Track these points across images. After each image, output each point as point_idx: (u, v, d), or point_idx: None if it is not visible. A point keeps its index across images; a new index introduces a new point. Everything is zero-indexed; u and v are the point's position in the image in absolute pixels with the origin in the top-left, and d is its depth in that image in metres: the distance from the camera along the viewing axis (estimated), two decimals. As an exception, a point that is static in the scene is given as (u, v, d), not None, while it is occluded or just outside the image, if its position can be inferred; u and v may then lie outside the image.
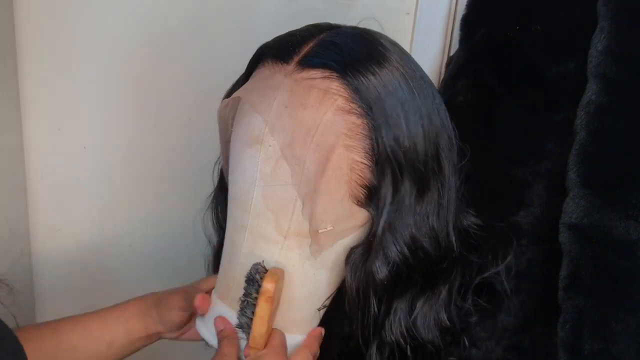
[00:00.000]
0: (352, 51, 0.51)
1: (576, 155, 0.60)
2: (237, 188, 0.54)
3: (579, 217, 0.60)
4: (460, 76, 0.70)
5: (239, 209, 0.54)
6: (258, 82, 0.54)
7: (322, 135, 0.50)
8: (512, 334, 0.67)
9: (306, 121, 0.50)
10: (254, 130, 0.51)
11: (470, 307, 0.59)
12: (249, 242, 0.54)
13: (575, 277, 0.60)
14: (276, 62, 0.53)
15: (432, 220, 0.54)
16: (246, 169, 0.52)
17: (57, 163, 0.92)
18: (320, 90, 0.50)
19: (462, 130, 0.69)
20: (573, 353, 0.60)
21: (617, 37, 0.59)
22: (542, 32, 0.64)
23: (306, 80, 0.50)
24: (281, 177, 0.51)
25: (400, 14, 0.78)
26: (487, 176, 0.67)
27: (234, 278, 0.55)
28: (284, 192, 0.51)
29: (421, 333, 0.56)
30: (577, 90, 0.61)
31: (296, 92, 0.50)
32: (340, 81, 0.50)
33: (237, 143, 0.54)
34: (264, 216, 0.53)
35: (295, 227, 0.52)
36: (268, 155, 0.51)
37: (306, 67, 0.51)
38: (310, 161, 0.50)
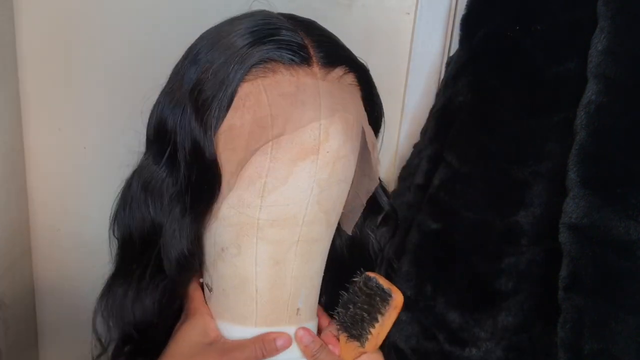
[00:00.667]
0: (339, 41, 0.56)
1: (576, 155, 0.60)
2: (280, 207, 0.52)
3: (579, 217, 0.60)
4: (460, 76, 0.70)
5: (284, 229, 0.52)
6: (283, 92, 0.50)
7: (359, 126, 0.54)
8: (512, 334, 0.67)
9: (351, 116, 0.53)
10: (306, 143, 0.50)
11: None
12: (301, 253, 0.54)
13: (575, 277, 0.60)
14: (297, 66, 0.50)
15: None
16: (299, 182, 0.51)
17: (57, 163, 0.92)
18: (349, 85, 0.54)
19: (461, 130, 0.69)
20: (573, 353, 0.60)
21: (617, 37, 0.59)
22: (542, 32, 0.64)
23: (337, 79, 0.53)
24: (336, 178, 0.53)
25: (400, 14, 0.78)
26: (487, 176, 0.67)
27: (289, 295, 0.54)
28: (337, 190, 0.54)
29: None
30: (577, 90, 0.61)
31: (335, 93, 0.52)
32: (353, 73, 0.55)
33: (279, 162, 0.50)
34: (317, 220, 0.53)
35: (337, 216, 0.56)
36: (325, 162, 0.51)
37: (328, 66, 0.52)
38: (356, 150, 0.55)
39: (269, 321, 0.55)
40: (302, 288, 0.55)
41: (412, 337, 0.70)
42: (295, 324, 0.56)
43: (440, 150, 0.70)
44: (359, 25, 0.78)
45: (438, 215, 0.69)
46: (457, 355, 0.69)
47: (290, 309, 0.55)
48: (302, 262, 0.54)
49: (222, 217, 0.53)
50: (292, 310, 0.55)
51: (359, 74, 0.55)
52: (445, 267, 0.69)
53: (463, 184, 0.68)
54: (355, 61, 0.56)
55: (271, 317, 0.55)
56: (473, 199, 0.67)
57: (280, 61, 0.50)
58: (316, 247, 0.55)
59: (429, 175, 0.72)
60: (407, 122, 0.80)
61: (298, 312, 0.55)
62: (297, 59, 0.50)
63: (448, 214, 0.69)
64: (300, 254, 0.54)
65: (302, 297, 0.55)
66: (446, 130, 0.70)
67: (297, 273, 0.54)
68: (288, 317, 0.55)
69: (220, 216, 0.53)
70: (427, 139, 0.74)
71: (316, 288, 0.58)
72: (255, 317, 0.54)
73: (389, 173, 0.83)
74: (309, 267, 0.55)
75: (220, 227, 0.53)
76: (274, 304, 0.54)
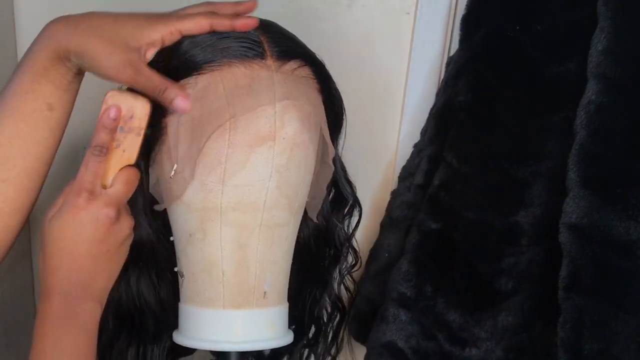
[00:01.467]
0: (295, 38, 0.59)
1: (576, 155, 0.60)
2: (241, 192, 0.54)
3: (579, 217, 0.60)
4: (460, 76, 0.70)
5: (246, 212, 0.55)
6: (237, 83, 0.53)
7: (316, 116, 0.57)
8: (512, 334, 0.67)
9: (306, 106, 0.56)
10: (262, 129, 0.53)
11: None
12: (264, 237, 0.56)
13: (575, 277, 0.60)
14: (251, 61, 0.54)
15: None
16: (257, 168, 0.54)
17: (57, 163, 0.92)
18: (304, 78, 0.57)
19: (461, 130, 0.69)
20: (573, 353, 0.60)
21: (617, 37, 0.59)
22: (542, 32, 0.64)
23: (291, 72, 0.56)
24: (294, 164, 0.55)
25: (400, 14, 0.78)
26: (487, 176, 0.67)
27: (255, 278, 0.56)
28: (296, 175, 0.56)
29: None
30: (577, 90, 0.61)
31: (289, 84, 0.55)
32: (309, 67, 0.57)
33: (237, 148, 0.53)
34: (278, 205, 0.56)
35: (300, 203, 0.58)
36: (282, 148, 0.54)
37: (284, 60, 0.55)
38: (314, 140, 0.57)
39: (236, 304, 0.56)
40: (268, 272, 0.57)
41: (412, 337, 0.70)
42: (263, 307, 0.57)
43: (440, 150, 0.71)
44: (359, 25, 0.78)
45: (438, 215, 0.69)
46: (457, 355, 0.69)
47: (257, 292, 0.57)
48: (266, 246, 0.56)
49: (187, 203, 0.55)
50: (259, 294, 0.57)
51: (315, 67, 0.58)
52: (445, 267, 0.69)
53: (463, 184, 0.68)
54: (311, 56, 0.58)
55: (238, 300, 0.56)
56: (473, 199, 0.67)
57: (236, 56, 0.54)
58: (280, 232, 0.57)
59: (429, 175, 0.72)
60: (407, 122, 0.80)
61: (265, 295, 0.57)
62: (252, 54, 0.54)
63: (448, 214, 0.69)
64: (263, 238, 0.56)
65: (269, 281, 0.57)
66: (446, 130, 0.70)
67: (261, 257, 0.56)
68: (255, 300, 0.57)
69: (186, 202, 0.55)
70: (427, 139, 0.74)
71: (284, 272, 0.59)
72: (222, 300, 0.57)
73: (389, 173, 0.83)
74: (274, 251, 0.57)
75: (186, 213, 0.56)
76: (240, 287, 0.56)
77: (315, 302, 0.70)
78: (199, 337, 0.57)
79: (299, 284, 0.67)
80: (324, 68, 0.60)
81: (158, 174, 0.57)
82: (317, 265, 0.69)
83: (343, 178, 0.66)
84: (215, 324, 0.57)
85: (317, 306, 0.70)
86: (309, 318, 0.70)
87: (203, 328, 0.57)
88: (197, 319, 0.58)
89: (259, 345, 0.57)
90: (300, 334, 0.71)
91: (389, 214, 0.78)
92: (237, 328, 0.57)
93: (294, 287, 0.64)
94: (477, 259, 0.68)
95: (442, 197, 0.69)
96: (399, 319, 0.70)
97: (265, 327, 0.58)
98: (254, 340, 0.57)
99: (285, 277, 0.60)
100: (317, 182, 0.62)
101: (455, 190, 0.68)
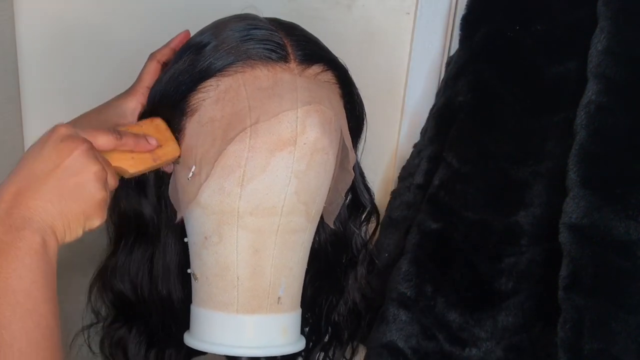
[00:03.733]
0: (318, 41, 0.58)
1: (576, 155, 0.60)
2: (260, 196, 0.54)
3: (579, 217, 0.60)
4: (460, 76, 0.70)
5: (264, 217, 0.54)
6: (260, 86, 0.53)
7: (337, 121, 0.56)
8: (512, 334, 0.67)
9: (329, 111, 0.55)
10: (284, 134, 0.53)
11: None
12: (280, 242, 0.55)
13: (575, 277, 0.60)
14: (275, 63, 0.53)
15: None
16: (277, 172, 0.53)
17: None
18: (327, 83, 0.56)
19: (461, 130, 0.69)
20: (573, 353, 0.60)
21: (617, 37, 0.59)
22: (542, 32, 0.64)
23: (314, 76, 0.55)
24: (314, 169, 0.55)
25: (400, 14, 0.78)
26: (487, 176, 0.67)
27: (269, 283, 0.56)
28: (315, 181, 0.55)
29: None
30: (577, 90, 0.61)
31: (312, 88, 0.54)
32: (332, 72, 0.57)
33: (257, 152, 0.53)
34: (296, 211, 0.55)
35: (317, 209, 0.58)
36: (303, 153, 0.54)
37: (307, 63, 0.55)
38: (335, 145, 0.57)
39: (249, 308, 0.56)
40: (283, 277, 0.57)
41: (412, 337, 0.70)
42: (276, 312, 0.57)
43: (440, 150, 0.71)
44: (359, 25, 0.78)
45: (438, 215, 0.69)
46: (457, 355, 0.69)
47: (271, 297, 0.56)
48: (282, 252, 0.56)
49: (204, 206, 0.55)
50: (273, 299, 0.56)
51: (338, 72, 0.57)
52: (445, 267, 0.69)
53: (463, 184, 0.68)
54: (334, 60, 0.58)
55: (252, 304, 0.56)
56: (473, 199, 0.68)
57: (259, 58, 0.53)
58: (296, 238, 0.57)
59: (429, 175, 0.72)
60: (407, 122, 0.80)
61: (279, 301, 0.57)
62: (275, 57, 0.53)
63: (448, 214, 0.69)
64: (280, 243, 0.56)
65: (283, 286, 0.57)
66: (446, 130, 0.70)
67: (277, 262, 0.56)
68: (269, 305, 0.56)
69: (202, 204, 0.55)
70: (427, 139, 0.74)
71: (298, 278, 0.59)
72: (236, 305, 0.56)
73: (389, 173, 0.83)
74: (290, 257, 0.57)
75: (203, 216, 0.55)
76: (254, 291, 0.56)
77: (332, 308, 0.69)
78: (210, 341, 0.57)
79: (315, 289, 0.67)
80: (347, 73, 0.59)
81: (174, 176, 0.57)
82: (334, 271, 0.68)
83: (361, 184, 0.66)
84: (228, 328, 0.57)
85: (334, 312, 0.69)
86: (325, 323, 0.70)
87: (215, 331, 0.57)
88: (210, 323, 0.57)
89: (270, 351, 0.57)
90: (317, 339, 0.70)
91: (389, 214, 0.78)
92: (250, 333, 0.57)
93: (310, 292, 0.64)
94: (477, 259, 0.68)
95: (442, 197, 0.69)
96: (399, 319, 0.70)
97: (277, 332, 0.57)
98: (265, 346, 0.57)
99: (299, 283, 0.59)
100: (336, 188, 0.61)
101: (455, 190, 0.68)
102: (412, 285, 0.70)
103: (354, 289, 0.69)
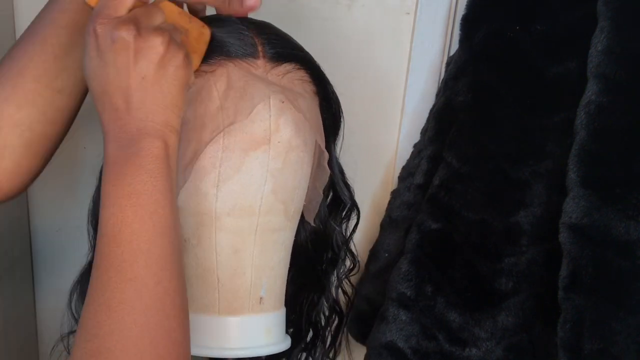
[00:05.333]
0: (291, 39, 0.58)
1: (576, 155, 0.60)
2: (236, 196, 0.53)
3: (579, 217, 0.60)
4: (460, 76, 0.70)
5: (241, 217, 0.54)
6: (232, 85, 0.53)
7: (312, 119, 0.56)
8: (512, 334, 0.67)
9: (303, 109, 0.55)
10: (257, 132, 0.52)
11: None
12: (260, 242, 0.55)
13: (575, 277, 0.60)
14: (244, 62, 0.53)
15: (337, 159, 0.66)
16: (253, 171, 0.53)
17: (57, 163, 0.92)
18: (300, 80, 0.56)
19: (461, 130, 0.69)
20: (573, 353, 0.60)
21: (617, 37, 0.59)
22: (542, 32, 0.64)
23: (286, 74, 0.55)
24: (291, 167, 0.55)
25: (400, 14, 0.78)
26: (487, 176, 0.67)
27: (250, 284, 0.56)
28: (292, 179, 0.55)
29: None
30: (577, 90, 0.61)
31: (284, 86, 0.54)
32: (304, 70, 0.56)
33: (231, 152, 0.52)
34: (274, 210, 0.55)
35: (297, 207, 0.58)
36: (278, 152, 0.53)
37: (278, 61, 0.54)
38: (311, 143, 0.56)
39: (231, 309, 0.56)
40: (264, 277, 0.56)
41: (412, 337, 0.70)
42: (258, 312, 0.56)
43: (440, 150, 0.71)
44: (359, 25, 0.78)
45: (438, 215, 0.69)
46: (457, 355, 0.69)
47: (253, 297, 0.56)
48: (262, 252, 0.56)
49: (182, 209, 0.55)
50: (255, 299, 0.56)
51: (311, 70, 0.57)
52: (445, 267, 0.69)
53: (463, 184, 0.68)
54: (306, 58, 0.58)
55: (234, 305, 0.56)
56: (473, 199, 0.68)
57: (230, 57, 0.53)
58: (276, 237, 0.56)
59: (429, 175, 0.72)
60: (407, 122, 0.80)
61: (261, 301, 0.56)
62: (245, 55, 0.53)
63: (448, 214, 0.69)
64: (259, 243, 0.55)
65: (265, 286, 0.57)
66: (446, 130, 0.70)
67: (257, 262, 0.55)
68: (251, 305, 0.56)
69: (180, 207, 0.55)
70: (427, 139, 0.74)
71: (280, 278, 0.58)
72: (218, 306, 0.56)
73: (389, 173, 0.83)
74: (270, 257, 0.56)
75: (182, 218, 0.55)
76: (235, 292, 0.56)
77: (313, 306, 0.70)
78: (194, 343, 0.56)
79: (296, 287, 0.67)
80: (320, 70, 0.59)
81: None
82: (315, 269, 0.68)
83: (341, 181, 0.66)
84: (211, 330, 0.56)
85: (315, 310, 0.70)
86: (306, 322, 0.70)
87: (198, 334, 0.56)
88: (193, 325, 0.57)
89: (254, 351, 0.57)
90: (298, 338, 0.70)
91: (389, 214, 0.78)
92: (232, 334, 0.56)
93: (291, 291, 0.64)
94: (477, 259, 0.68)
95: (442, 197, 0.69)
96: (399, 319, 0.70)
97: (261, 333, 0.57)
98: (249, 347, 0.56)
99: (282, 282, 0.59)
100: (314, 186, 0.61)
101: (455, 190, 0.68)
102: (412, 285, 0.70)
103: (335, 287, 0.70)
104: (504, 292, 0.67)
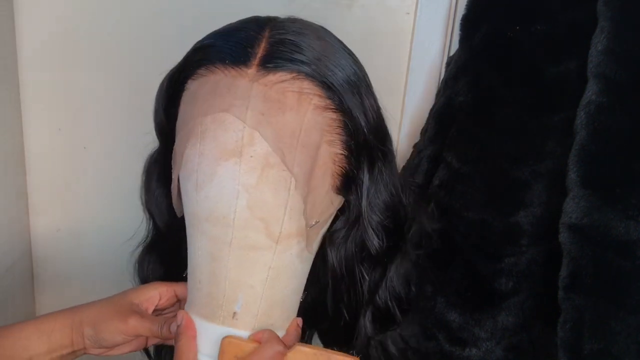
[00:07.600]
0: (310, 47, 0.52)
1: (576, 155, 0.60)
2: (211, 204, 0.52)
3: (579, 217, 0.60)
4: (460, 76, 0.70)
5: (217, 226, 0.52)
6: (214, 91, 0.51)
7: (306, 136, 0.51)
8: (512, 334, 0.67)
9: (288, 125, 0.50)
10: (228, 143, 0.50)
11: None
12: (235, 256, 0.53)
13: (575, 277, 0.60)
14: (231, 66, 0.51)
15: (390, 187, 0.58)
16: (223, 183, 0.51)
17: (57, 163, 0.92)
18: (295, 92, 0.50)
19: (461, 130, 0.69)
20: (573, 353, 0.60)
21: (617, 37, 0.59)
22: (542, 32, 0.64)
23: (277, 84, 0.50)
24: (269, 185, 0.51)
25: (400, 14, 0.78)
26: (487, 176, 0.67)
27: (224, 295, 0.54)
28: (273, 198, 0.51)
29: (399, 291, 0.64)
30: (577, 90, 0.61)
31: (270, 97, 0.50)
32: (311, 80, 0.51)
33: (205, 159, 0.51)
34: (252, 227, 0.52)
35: (287, 230, 0.53)
36: (251, 166, 0.50)
37: (272, 69, 0.50)
38: (299, 163, 0.51)
39: (205, 314, 0.55)
40: (240, 293, 0.54)
41: (412, 337, 0.70)
42: (230, 326, 0.54)
43: (440, 150, 0.71)
44: (359, 25, 0.79)
45: (438, 215, 0.69)
46: (457, 355, 0.69)
47: (226, 310, 0.54)
48: (238, 267, 0.53)
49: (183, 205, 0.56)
50: (228, 312, 0.54)
51: (321, 82, 0.51)
52: (445, 267, 0.69)
53: (463, 184, 0.68)
54: (316, 69, 0.52)
55: (207, 310, 0.55)
56: (473, 198, 0.68)
57: (221, 61, 0.51)
58: (256, 256, 0.53)
59: (429, 175, 0.72)
60: (407, 122, 0.80)
61: (235, 316, 0.54)
62: (234, 59, 0.51)
63: (448, 214, 0.69)
64: (234, 256, 0.53)
65: (240, 302, 0.54)
66: (446, 130, 0.70)
67: (232, 276, 0.54)
68: (223, 317, 0.54)
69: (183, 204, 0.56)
70: (427, 139, 0.74)
71: (264, 300, 0.55)
72: (196, 307, 0.56)
73: (389, 173, 0.83)
74: (248, 274, 0.54)
75: (183, 215, 0.57)
76: (211, 298, 0.55)
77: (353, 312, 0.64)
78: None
79: (334, 311, 0.63)
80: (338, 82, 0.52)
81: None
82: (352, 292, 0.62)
83: (375, 223, 0.57)
84: None
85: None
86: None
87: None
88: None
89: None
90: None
91: (389, 214, 0.78)
92: (203, 339, 0.55)
93: (332, 315, 0.62)
94: (477, 259, 0.68)
95: (442, 197, 0.69)
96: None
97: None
98: (211, 356, 0.55)
99: (269, 306, 0.55)
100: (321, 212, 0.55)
101: (455, 190, 0.68)
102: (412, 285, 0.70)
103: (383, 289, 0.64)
104: (504, 292, 0.67)
